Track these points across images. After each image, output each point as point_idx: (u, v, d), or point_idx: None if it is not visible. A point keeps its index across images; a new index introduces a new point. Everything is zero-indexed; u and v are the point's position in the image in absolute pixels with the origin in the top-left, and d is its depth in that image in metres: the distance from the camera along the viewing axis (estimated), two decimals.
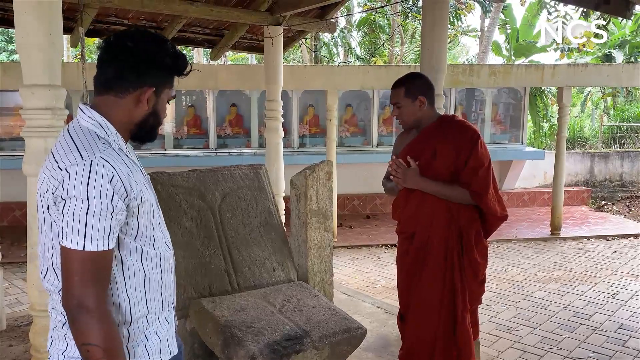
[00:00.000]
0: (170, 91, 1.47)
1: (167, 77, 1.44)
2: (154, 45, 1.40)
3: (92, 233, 1.27)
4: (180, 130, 8.66)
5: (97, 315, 1.27)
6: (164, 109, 1.48)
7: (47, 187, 1.32)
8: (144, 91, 1.40)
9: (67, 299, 1.28)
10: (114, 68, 1.37)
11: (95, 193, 1.27)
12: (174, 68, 1.44)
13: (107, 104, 1.40)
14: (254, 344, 2.16)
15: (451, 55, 21.20)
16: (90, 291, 1.27)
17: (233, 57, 19.16)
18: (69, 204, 1.27)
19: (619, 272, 6.01)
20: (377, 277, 5.86)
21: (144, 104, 1.41)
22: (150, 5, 4.61)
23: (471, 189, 2.58)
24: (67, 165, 1.29)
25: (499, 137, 9.75)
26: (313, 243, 2.97)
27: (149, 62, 1.38)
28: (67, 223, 1.27)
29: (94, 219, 1.27)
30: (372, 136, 9.20)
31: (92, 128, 1.38)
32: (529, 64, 11.42)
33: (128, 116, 1.41)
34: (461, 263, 2.63)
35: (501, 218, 2.69)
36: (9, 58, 17.58)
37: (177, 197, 2.74)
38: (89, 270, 1.28)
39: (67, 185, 1.27)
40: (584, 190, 10.48)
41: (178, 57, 1.43)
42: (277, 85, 5.56)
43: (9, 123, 8.19)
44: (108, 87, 1.39)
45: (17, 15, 2.51)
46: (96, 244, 1.28)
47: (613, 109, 15.98)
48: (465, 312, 2.63)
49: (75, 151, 1.31)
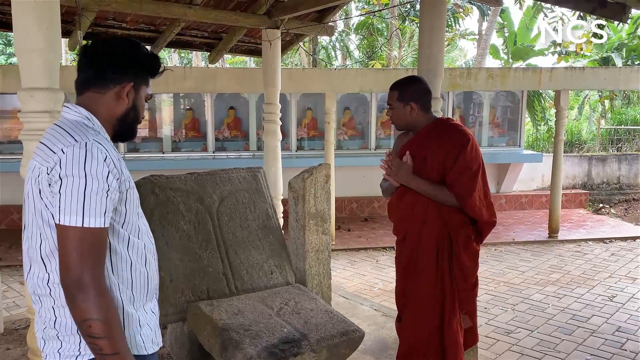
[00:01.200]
0: (147, 89, 1.57)
1: (143, 75, 1.54)
2: (130, 47, 1.52)
3: (90, 210, 1.31)
4: (179, 133, 8.67)
5: (96, 290, 1.29)
6: (142, 105, 1.57)
7: (39, 171, 1.35)
8: (124, 86, 1.49)
9: (66, 276, 1.30)
10: (94, 68, 1.48)
11: (92, 171, 1.31)
12: (148, 67, 1.55)
13: (90, 100, 1.48)
14: (251, 347, 2.16)
15: (449, 58, 21.26)
16: (89, 267, 1.30)
17: (231, 60, 19.18)
18: (67, 182, 1.30)
19: (617, 275, 6.02)
20: (375, 280, 5.86)
21: (125, 98, 1.50)
22: (148, 8, 4.62)
23: (454, 190, 2.60)
24: (62, 147, 1.34)
25: (497, 140, 9.76)
26: (311, 246, 2.97)
27: (126, 61, 1.49)
28: (65, 201, 1.30)
29: (91, 196, 1.31)
30: (370, 139, 9.21)
31: (80, 119, 1.45)
32: (527, 67, 11.45)
33: (110, 111, 1.50)
34: (451, 267, 2.64)
35: (489, 223, 2.70)
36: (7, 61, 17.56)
37: (175, 200, 2.74)
38: (87, 246, 1.30)
39: (64, 164, 1.31)
40: (581, 193, 10.51)
41: (152, 57, 1.56)
42: (275, 88, 5.56)
43: (8, 126, 8.18)
44: (88, 85, 1.49)
45: (16, 19, 2.51)
46: (94, 221, 1.31)
47: (610, 112, 16.03)
48: (452, 317, 2.64)
49: (68, 136, 1.36)
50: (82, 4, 4.26)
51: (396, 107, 2.70)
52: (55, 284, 1.37)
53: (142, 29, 5.65)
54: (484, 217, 2.65)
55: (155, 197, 2.69)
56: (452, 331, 2.64)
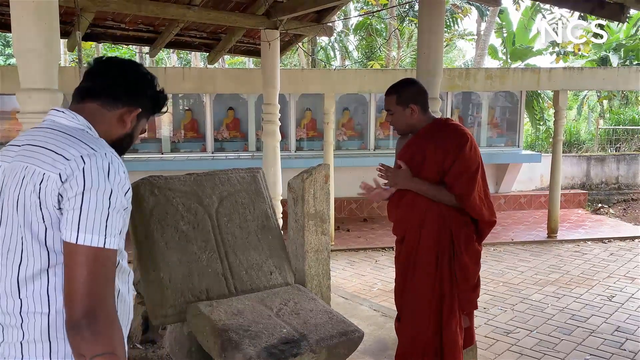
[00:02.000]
0: (145, 123, 1.51)
1: (149, 108, 1.48)
2: (147, 76, 1.46)
3: (112, 230, 1.17)
4: (178, 133, 8.66)
5: (112, 320, 1.16)
6: (137, 135, 1.50)
7: (43, 177, 1.17)
8: (132, 110, 1.41)
9: (79, 306, 1.12)
10: (109, 81, 1.39)
11: (115, 187, 1.18)
12: (156, 102, 1.49)
13: (92, 112, 1.36)
14: (251, 347, 2.16)
15: (448, 59, 21.27)
16: (106, 293, 1.16)
17: (230, 61, 19.17)
18: (90, 197, 1.14)
19: (616, 275, 6.03)
20: (374, 280, 5.86)
21: (128, 122, 1.41)
22: (147, 9, 4.62)
23: (454, 191, 2.60)
24: (80, 154, 1.18)
25: (496, 141, 9.77)
26: (310, 246, 2.97)
27: (141, 87, 1.44)
28: (88, 218, 1.14)
29: (114, 214, 1.17)
30: (369, 140, 9.21)
31: (82, 128, 1.32)
32: (526, 68, 11.46)
33: (109, 130, 1.39)
34: (452, 268, 2.64)
35: (489, 223, 2.70)
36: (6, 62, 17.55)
37: (174, 200, 2.74)
38: (103, 270, 1.16)
39: (88, 175, 1.15)
40: (580, 193, 10.52)
41: (164, 96, 1.51)
42: (274, 89, 5.57)
43: (7, 127, 8.18)
44: (96, 96, 1.37)
45: (15, 19, 2.51)
46: (114, 242, 1.17)
47: (609, 112, 16.06)
48: (451, 318, 2.64)
49: (82, 143, 1.21)
50: (81, 4, 4.26)
51: (396, 111, 2.69)
52: (31, 314, 1.17)
53: (141, 30, 5.65)
54: (484, 217, 2.65)
55: (155, 197, 2.69)
56: (451, 332, 2.63)
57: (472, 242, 2.67)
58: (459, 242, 2.63)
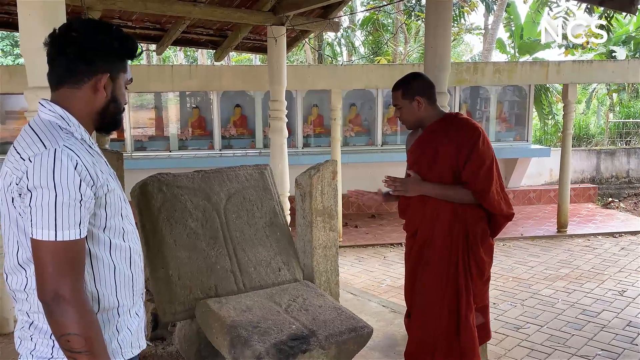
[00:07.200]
0: (125, 75, 1.46)
1: (119, 61, 1.43)
2: (99, 32, 1.39)
3: (63, 223, 1.25)
4: (185, 131, 8.68)
5: (74, 304, 1.26)
6: (122, 94, 1.47)
7: (11, 179, 1.29)
8: (99, 78, 1.39)
9: (42, 291, 1.26)
10: (64, 61, 1.36)
11: (62, 182, 1.25)
12: (123, 51, 1.43)
13: (65, 97, 1.39)
14: (260, 343, 2.16)
15: (455, 53, 21.16)
16: (66, 281, 1.25)
17: (237, 58, 19.18)
18: (36, 195, 1.24)
19: (627, 270, 5.98)
20: (383, 277, 5.86)
21: (102, 91, 1.40)
22: (153, 7, 4.63)
23: (473, 188, 2.57)
24: (30, 156, 1.27)
25: (504, 135, 9.71)
26: (318, 243, 2.96)
27: (97, 49, 1.37)
28: (36, 215, 1.25)
29: (63, 209, 1.25)
30: (377, 135, 9.18)
31: (54, 120, 1.36)
32: (534, 61, 11.39)
33: (88, 106, 1.40)
34: (466, 262, 2.61)
35: (507, 216, 2.68)
36: (14, 62, 17.67)
37: (182, 198, 2.74)
38: (62, 260, 1.26)
39: (31, 176, 1.25)
40: (590, 188, 10.43)
41: (126, 39, 1.43)
42: (281, 85, 5.56)
43: (16, 126, 8.23)
44: (62, 81, 1.38)
45: (22, 19, 2.52)
46: (68, 234, 1.26)
47: (619, 105, 15.89)
48: (469, 312, 2.61)
49: (38, 142, 1.29)
50: (88, 3, 4.27)
51: (403, 105, 2.67)
52: (31, 290, 1.33)
53: (147, 28, 5.66)
54: (503, 211, 2.63)
55: (163, 195, 2.69)
56: (469, 326, 2.61)
57: (487, 237, 2.66)
58: (475, 237, 2.60)
